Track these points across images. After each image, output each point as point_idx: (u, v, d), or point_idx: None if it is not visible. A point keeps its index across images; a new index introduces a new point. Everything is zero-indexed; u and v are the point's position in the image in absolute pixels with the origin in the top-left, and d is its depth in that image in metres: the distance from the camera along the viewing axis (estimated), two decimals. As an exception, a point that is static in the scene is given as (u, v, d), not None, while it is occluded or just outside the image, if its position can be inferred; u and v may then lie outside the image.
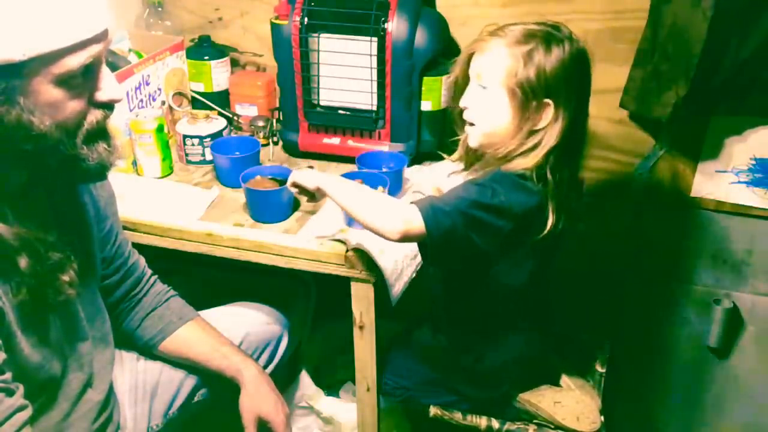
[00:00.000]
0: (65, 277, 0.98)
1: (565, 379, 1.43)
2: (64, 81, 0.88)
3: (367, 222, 1.14)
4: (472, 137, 1.22)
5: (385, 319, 1.33)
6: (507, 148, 1.17)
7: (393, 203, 1.17)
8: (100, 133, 0.96)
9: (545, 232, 1.17)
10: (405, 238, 1.13)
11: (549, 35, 1.14)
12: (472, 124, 1.22)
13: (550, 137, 1.15)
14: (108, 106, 0.96)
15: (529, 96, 1.14)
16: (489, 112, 1.18)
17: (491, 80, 1.16)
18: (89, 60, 0.89)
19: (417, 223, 1.10)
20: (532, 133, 1.16)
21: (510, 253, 1.22)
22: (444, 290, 1.39)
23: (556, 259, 1.32)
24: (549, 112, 1.14)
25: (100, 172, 0.99)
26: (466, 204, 1.12)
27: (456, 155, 1.34)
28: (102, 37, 0.91)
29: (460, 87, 1.24)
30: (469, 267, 1.26)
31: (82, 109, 0.93)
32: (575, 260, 1.71)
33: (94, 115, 0.94)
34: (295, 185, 1.26)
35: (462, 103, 1.22)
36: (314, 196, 1.25)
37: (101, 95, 0.94)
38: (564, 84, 1.14)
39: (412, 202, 1.14)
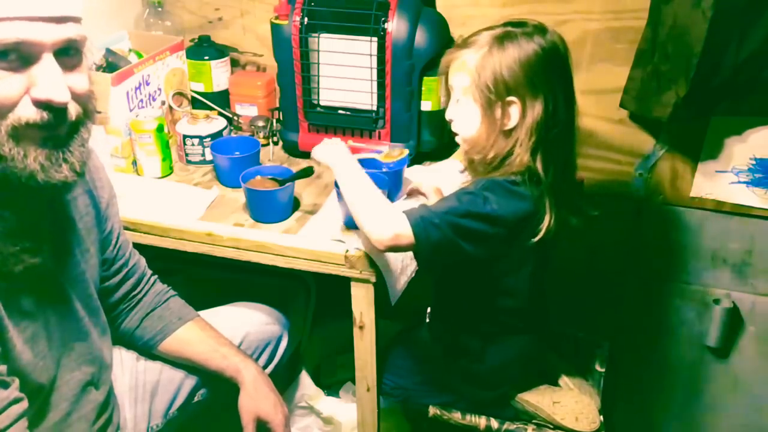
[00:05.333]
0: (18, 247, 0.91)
1: (564, 379, 1.42)
2: None
3: (359, 224, 1.19)
4: (461, 147, 1.26)
5: (385, 319, 1.33)
6: (491, 155, 1.18)
7: (387, 213, 1.16)
8: (32, 136, 0.86)
9: (542, 233, 1.17)
10: (393, 249, 1.17)
11: (504, 35, 1.15)
12: (456, 134, 1.25)
13: (524, 134, 1.15)
14: (49, 108, 0.86)
15: (492, 98, 1.15)
16: (463, 121, 1.21)
17: (459, 91, 1.20)
18: (17, 40, 0.82)
19: (406, 235, 1.13)
20: (508, 134, 1.17)
21: (506, 258, 1.23)
22: (436, 295, 1.40)
23: (555, 258, 1.32)
24: (516, 110, 1.15)
25: (32, 182, 0.86)
26: (456, 214, 1.13)
27: (464, 160, 1.36)
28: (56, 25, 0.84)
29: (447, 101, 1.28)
30: (463, 273, 1.27)
31: (12, 94, 0.84)
32: (575, 260, 1.72)
33: (27, 112, 0.85)
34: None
35: (447, 117, 1.25)
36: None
37: (37, 91, 0.85)
38: (525, 79, 1.13)
39: (403, 212, 1.14)
